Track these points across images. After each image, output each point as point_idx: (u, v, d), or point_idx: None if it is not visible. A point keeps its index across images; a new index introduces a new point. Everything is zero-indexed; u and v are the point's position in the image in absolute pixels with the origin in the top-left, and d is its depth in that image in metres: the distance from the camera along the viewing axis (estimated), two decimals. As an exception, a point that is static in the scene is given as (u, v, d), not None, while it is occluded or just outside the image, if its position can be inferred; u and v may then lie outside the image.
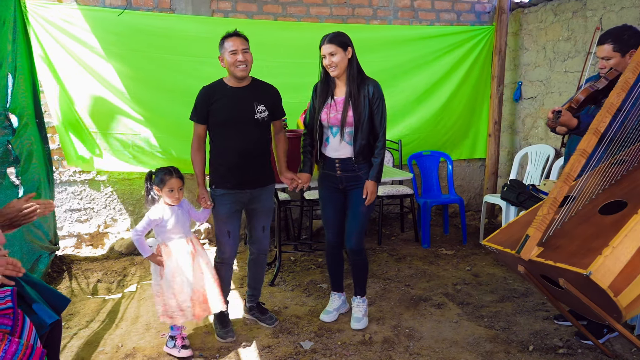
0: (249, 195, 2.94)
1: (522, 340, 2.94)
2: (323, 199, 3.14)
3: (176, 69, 4.45)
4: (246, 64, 2.79)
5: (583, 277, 1.93)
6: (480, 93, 5.39)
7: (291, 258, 4.47)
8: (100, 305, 3.52)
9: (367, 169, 2.97)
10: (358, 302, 3.19)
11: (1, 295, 1.81)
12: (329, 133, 2.99)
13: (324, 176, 3.09)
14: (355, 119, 2.86)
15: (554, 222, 2.27)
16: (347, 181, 2.99)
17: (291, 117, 4.21)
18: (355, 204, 3.00)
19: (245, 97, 2.85)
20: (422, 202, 4.76)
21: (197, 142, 2.91)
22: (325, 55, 2.85)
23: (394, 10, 5.12)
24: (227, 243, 2.97)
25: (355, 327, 3.10)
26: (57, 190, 4.48)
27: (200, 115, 2.86)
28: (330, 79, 2.95)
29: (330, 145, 2.99)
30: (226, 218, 2.94)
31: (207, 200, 2.91)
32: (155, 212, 2.81)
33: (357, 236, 3.03)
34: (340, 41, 2.83)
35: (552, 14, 4.75)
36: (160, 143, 4.53)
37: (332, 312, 3.25)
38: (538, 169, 4.79)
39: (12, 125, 3.44)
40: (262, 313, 3.21)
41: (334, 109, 2.92)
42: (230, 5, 4.66)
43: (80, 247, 4.64)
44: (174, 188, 2.79)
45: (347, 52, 2.85)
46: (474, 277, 3.95)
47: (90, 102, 4.33)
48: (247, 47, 2.81)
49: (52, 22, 4.10)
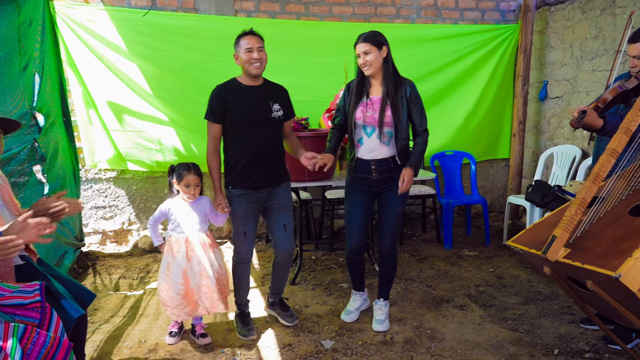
0: (265, 194, 2.92)
1: (547, 343, 2.89)
2: (352, 202, 3.07)
3: (200, 68, 4.49)
4: (261, 62, 2.79)
5: (612, 279, 1.89)
6: (504, 92, 5.32)
7: (312, 257, 4.47)
8: (122, 301, 3.57)
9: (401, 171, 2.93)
10: (381, 304, 3.16)
11: (30, 289, 1.85)
12: (362, 134, 2.93)
13: (356, 179, 3.02)
14: (395, 119, 2.83)
15: (581, 223, 2.22)
16: (382, 183, 2.95)
17: (313, 116, 4.22)
18: (391, 205, 2.97)
19: (261, 96, 2.86)
20: (444, 202, 4.72)
21: (212, 144, 2.88)
22: (359, 54, 2.84)
23: (417, 8, 5.08)
24: (244, 244, 2.96)
25: (378, 329, 3.07)
26: (83, 187, 4.56)
27: (216, 115, 2.84)
28: (366, 78, 2.92)
29: (365, 146, 2.94)
30: (243, 219, 2.92)
31: (224, 207, 2.89)
32: (165, 204, 2.92)
33: (391, 237, 3.01)
34: (375, 40, 2.81)
35: (579, 11, 4.66)
36: (182, 141, 4.57)
37: (354, 311, 3.23)
38: (564, 170, 4.70)
39: (38, 124, 3.52)
40: (284, 310, 3.19)
41: (370, 108, 2.88)
42: (253, 5, 4.68)
43: (105, 244, 4.72)
44: (190, 184, 2.84)
45: (381, 51, 2.82)
46: (497, 279, 3.89)
47: (114, 100, 4.40)
48: (262, 45, 2.81)
49: (79, 22, 4.18)
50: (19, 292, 1.82)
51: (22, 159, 3.19)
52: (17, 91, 3.09)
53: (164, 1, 4.49)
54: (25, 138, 3.27)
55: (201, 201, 2.94)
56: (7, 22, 2.88)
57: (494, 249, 4.63)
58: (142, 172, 4.68)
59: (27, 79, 3.27)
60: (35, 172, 3.46)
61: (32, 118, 3.43)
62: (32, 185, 3.34)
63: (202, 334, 2.96)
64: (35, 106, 3.49)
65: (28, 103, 3.36)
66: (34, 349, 1.67)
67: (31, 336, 1.69)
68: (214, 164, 2.89)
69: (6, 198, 2.17)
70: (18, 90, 3.10)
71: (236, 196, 2.89)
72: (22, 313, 1.79)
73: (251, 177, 2.86)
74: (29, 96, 3.39)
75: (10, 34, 2.95)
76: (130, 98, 4.42)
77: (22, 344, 1.66)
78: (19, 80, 3.10)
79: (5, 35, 2.87)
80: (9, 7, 2.91)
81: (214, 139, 2.88)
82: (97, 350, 2.87)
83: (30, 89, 3.40)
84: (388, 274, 3.14)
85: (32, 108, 3.45)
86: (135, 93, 4.42)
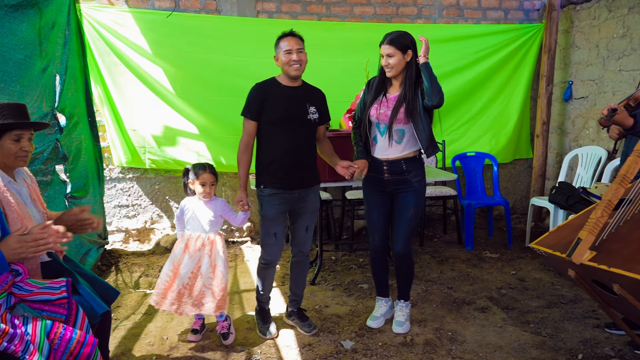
0: (297, 195, 2.91)
1: (571, 348, 2.84)
2: (368, 202, 3.07)
3: (222, 69, 4.54)
4: (300, 63, 2.78)
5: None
6: (528, 93, 5.25)
7: (332, 257, 4.48)
8: (143, 298, 3.62)
9: (416, 172, 2.92)
10: (401, 306, 3.14)
11: (56, 286, 1.89)
12: (376, 132, 2.94)
13: (370, 179, 3.02)
14: (408, 118, 2.80)
15: (608, 225, 2.18)
16: (395, 184, 2.94)
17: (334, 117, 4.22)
18: (404, 209, 2.94)
19: (299, 98, 2.85)
20: (465, 203, 4.67)
21: (246, 140, 2.86)
22: (383, 55, 2.83)
23: (439, 8, 5.05)
24: (274, 245, 2.94)
25: (398, 331, 3.06)
26: (107, 186, 4.64)
27: (253, 112, 2.83)
28: (387, 77, 2.92)
29: (378, 145, 2.94)
30: (274, 219, 2.90)
31: (245, 205, 2.89)
32: (183, 201, 3.00)
33: (404, 241, 2.97)
34: (401, 43, 2.79)
35: (606, 10, 4.57)
36: (205, 141, 4.62)
37: (380, 317, 3.19)
38: (589, 172, 4.61)
39: (60, 124, 3.59)
40: (302, 320, 3.15)
41: (384, 105, 2.88)
42: (274, 6, 4.70)
43: (128, 242, 4.79)
44: (206, 182, 2.88)
45: (406, 55, 2.80)
46: (520, 282, 3.84)
47: (136, 101, 4.47)
48: (302, 47, 2.80)
49: (104, 24, 4.27)
50: (47, 288, 1.86)
51: (45, 158, 3.26)
52: (37, 92, 3.14)
53: (187, 3, 4.54)
54: (47, 138, 3.34)
55: (215, 202, 2.97)
56: (28, 25, 2.93)
57: (516, 251, 4.57)
58: (163, 172, 4.74)
59: (46, 80, 3.32)
60: (57, 171, 3.53)
61: (53, 118, 3.49)
62: (55, 184, 3.41)
63: (223, 334, 2.96)
64: (57, 107, 3.56)
65: (49, 104, 3.42)
66: (61, 344, 1.71)
67: (58, 332, 1.72)
68: (244, 159, 2.88)
69: (34, 196, 2.22)
70: (38, 91, 3.15)
71: (267, 195, 2.87)
72: (50, 309, 1.84)
73: (284, 178, 2.84)
74: (50, 97, 3.45)
75: (31, 37, 3.01)
76: (153, 99, 4.49)
77: (50, 339, 1.70)
78: (39, 82, 3.15)
79: (26, 38, 2.93)
80: (30, 11, 2.96)
81: (248, 136, 2.87)
82: (120, 347, 2.91)
83: (51, 90, 3.46)
84: (404, 278, 3.11)
85: (54, 109, 3.52)
86: (158, 93, 4.48)
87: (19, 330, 1.64)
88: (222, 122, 4.53)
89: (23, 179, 2.20)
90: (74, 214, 2.18)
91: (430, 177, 3.74)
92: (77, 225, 2.19)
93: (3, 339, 1.58)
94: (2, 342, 1.58)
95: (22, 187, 2.16)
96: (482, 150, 5.13)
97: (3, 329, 1.60)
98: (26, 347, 1.61)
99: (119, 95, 4.44)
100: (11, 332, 1.61)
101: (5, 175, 2.06)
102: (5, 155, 2.03)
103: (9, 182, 2.06)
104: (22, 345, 1.61)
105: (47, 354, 1.65)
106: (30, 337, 1.65)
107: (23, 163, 2.10)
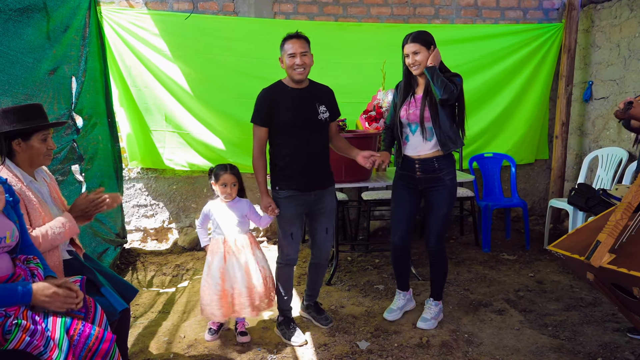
0: (314, 197, 2.90)
1: (590, 352, 2.80)
2: (396, 199, 3.09)
3: (239, 70, 4.57)
4: (304, 67, 2.74)
5: (660, 286, 1.82)
6: (547, 93, 5.19)
7: (348, 258, 4.48)
8: (160, 297, 3.66)
9: (448, 170, 2.92)
10: (430, 304, 3.16)
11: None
12: (408, 131, 2.96)
13: (401, 177, 3.04)
14: (432, 114, 2.83)
15: (627, 228, 2.15)
16: (427, 182, 2.94)
17: (351, 118, 4.23)
18: (437, 206, 2.96)
19: (308, 99, 2.84)
20: (483, 205, 4.64)
21: (258, 146, 2.85)
22: (408, 54, 2.85)
23: (457, 8, 5.02)
24: (290, 245, 2.95)
25: (420, 326, 3.08)
26: (126, 186, 4.71)
27: (262, 118, 2.81)
28: (413, 78, 2.94)
29: (410, 143, 2.96)
30: (290, 220, 2.90)
31: (274, 209, 2.87)
32: (206, 206, 3.00)
33: (437, 237, 3.01)
34: (424, 39, 2.82)
35: (627, 9, 4.49)
36: (223, 142, 4.66)
37: (396, 310, 3.23)
38: (609, 173, 4.54)
39: (76, 125, 3.64)
40: (318, 313, 3.20)
41: (413, 106, 2.91)
42: (291, 7, 4.72)
43: (146, 241, 4.85)
44: (227, 183, 2.89)
45: (430, 51, 2.83)
46: (538, 284, 3.80)
47: (155, 102, 4.53)
48: (307, 49, 2.76)
49: (124, 26, 4.34)
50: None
51: (62, 158, 3.32)
52: (48, 94, 3.16)
53: (205, 5, 4.59)
54: (65, 139, 3.40)
55: (240, 203, 2.98)
56: (34, 29, 2.94)
57: (534, 254, 4.52)
58: (182, 172, 4.79)
59: (58, 82, 3.34)
60: (73, 171, 3.58)
61: (70, 119, 3.54)
62: (69, 183, 3.46)
63: (242, 332, 3.00)
64: (75, 108, 3.61)
65: (66, 105, 3.46)
66: (80, 340, 1.74)
67: (77, 328, 1.76)
68: (260, 165, 2.87)
69: (54, 195, 2.27)
70: (48, 93, 3.17)
71: (283, 197, 2.88)
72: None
73: (300, 180, 2.84)
74: (66, 99, 3.48)
75: (39, 40, 3.02)
76: (172, 100, 4.54)
77: (69, 335, 1.73)
78: (48, 84, 3.17)
79: (33, 42, 2.94)
80: (37, 15, 2.97)
81: (260, 142, 2.86)
82: (138, 344, 2.95)
83: (66, 91, 3.50)
84: (437, 274, 3.14)
85: (71, 110, 3.56)
86: (177, 95, 4.53)
87: (39, 326, 1.68)
88: (239, 124, 4.55)
89: (43, 178, 2.26)
90: (84, 197, 2.26)
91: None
92: (91, 207, 2.26)
93: (26, 334, 1.62)
94: (25, 337, 1.61)
95: (43, 186, 2.22)
96: (500, 151, 5.08)
97: (25, 325, 1.64)
98: (47, 343, 1.65)
99: (138, 96, 4.50)
100: (32, 328, 1.65)
101: (26, 175, 2.11)
102: (35, 154, 2.12)
103: (30, 181, 2.12)
104: (43, 341, 1.64)
105: (67, 349, 1.68)
106: (50, 333, 1.69)
107: (49, 161, 2.20)
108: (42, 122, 2.12)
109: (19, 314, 1.69)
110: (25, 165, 2.12)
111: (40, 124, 2.10)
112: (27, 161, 2.12)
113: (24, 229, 1.91)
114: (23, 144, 2.08)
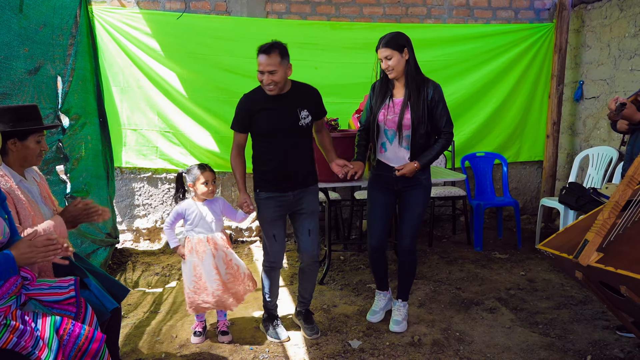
0: (292, 197, 2.88)
1: (580, 349, 2.82)
2: (372, 200, 3.07)
3: (231, 70, 4.57)
4: (273, 84, 2.66)
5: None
6: (538, 93, 5.21)
7: (340, 257, 4.49)
8: (152, 296, 3.66)
9: (424, 171, 2.92)
10: (399, 305, 3.14)
11: (64, 284, 1.93)
12: (384, 138, 2.94)
13: (377, 177, 3.03)
14: (414, 123, 2.82)
15: (615, 226, 2.17)
16: (402, 183, 2.93)
17: (343, 117, 4.23)
18: (411, 206, 2.96)
19: (289, 105, 2.78)
20: (475, 204, 4.66)
21: (236, 150, 2.88)
22: (381, 59, 2.84)
23: (449, 8, 5.03)
24: (273, 246, 2.94)
25: (395, 329, 3.06)
26: (118, 186, 4.69)
27: (242, 125, 2.82)
28: (390, 80, 2.92)
29: (387, 153, 2.94)
30: (271, 221, 2.90)
31: (249, 205, 2.89)
32: (181, 205, 2.98)
33: (410, 238, 3.00)
34: (396, 44, 2.79)
35: (617, 9, 4.53)
36: (215, 141, 4.65)
37: (379, 311, 3.24)
38: (600, 172, 4.58)
39: (62, 125, 3.61)
40: (307, 322, 3.11)
41: (391, 111, 2.88)
42: (284, 7, 4.72)
43: (139, 241, 4.84)
44: (208, 180, 2.91)
45: (403, 54, 2.81)
46: (529, 283, 3.82)
47: (147, 102, 4.52)
48: (276, 66, 2.61)
49: (116, 25, 4.33)
50: (55, 288, 1.90)
51: (47, 158, 3.29)
52: (27, 93, 3.10)
53: (197, 4, 4.58)
54: (50, 139, 3.37)
55: (216, 201, 3.00)
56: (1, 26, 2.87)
57: (526, 252, 4.54)
58: (174, 172, 4.78)
59: (39, 81, 3.28)
60: (58, 171, 3.55)
61: (56, 119, 3.51)
62: (53, 183, 3.40)
63: (223, 331, 3.01)
64: (62, 108, 3.57)
65: (51, 105, 3.43)
66: (70, 340, 1.74)
67: (67, 328, 1.76)
68: (237, 163, 2.90)
69: (44, 194, 2.27)
70: (26, 92, 3.10)
71: (263, 199, 2.88)
72: (60, 307, 1.87)
73: (280, 182, 2.84)
74: (50, 98, 3.44)
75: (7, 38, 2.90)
76: (164, 99, 4.53)
77: (59, 334, 1.73)
78: (28, 83, 3.11)
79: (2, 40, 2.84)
80: (7, 13, 2.88)
81: (238, 146, 2.89)
82: (130, 344, 2.95)
83: (50, 91, 3.45)
84: (406, 275, 3.12)
85: (57, 110, 3.53)
86: (169, 94, 4.53)
87: (29, 326, 1.68)
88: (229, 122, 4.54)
89: (33, 177, 2.26)
90: (78, 203, 2.26)
91: (439, 178, 3.74)
92: (83, 215, 2.26)
93: (13, 335, 1.62)
94: (12, 338, 1.61)
95: (33, 185, 2.22)
96: (492, 150, 5.11)
97: (13, 325, 1.64)
98: (36, 343, 1.65)
99: (130, 96, 4.48)
100: (21, 328, 1.65)
101: (16, 175, 2.11)
102: (30, 155, 2.14)
103: (20, 181, 2.12)
104: (31, 341, 1.64)
105: (56, 349, 1.68)
106: (39, 332, 1.69)
107: (40, 162, 2.22)
108: (37, 123, 2.14)
109: (9, 314, 1.69)
110: (16, 165, 2.13)
111: (41, 126, 2.12)
112: (20, 161, 2.13)
113: (13, 227, 1.90)
114: (19, 144, 2.09)
